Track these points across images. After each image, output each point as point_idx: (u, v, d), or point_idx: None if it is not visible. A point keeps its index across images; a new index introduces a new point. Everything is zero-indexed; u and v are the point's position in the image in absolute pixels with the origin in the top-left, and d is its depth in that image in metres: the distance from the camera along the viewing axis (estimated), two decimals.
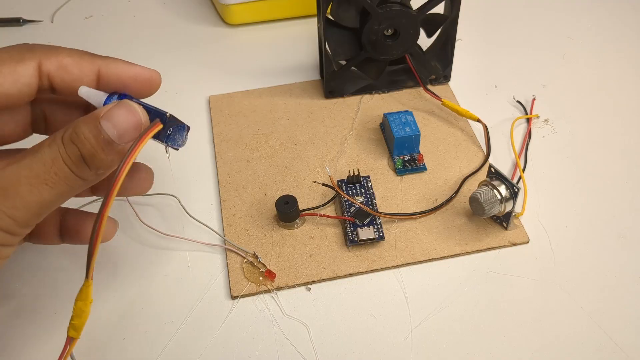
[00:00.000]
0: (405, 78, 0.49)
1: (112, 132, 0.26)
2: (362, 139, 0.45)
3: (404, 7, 0.43)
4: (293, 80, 0.50)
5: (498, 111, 0.47)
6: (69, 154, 0.26)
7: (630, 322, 0.35)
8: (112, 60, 0.29)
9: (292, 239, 0.39)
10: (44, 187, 0.26)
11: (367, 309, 0.36)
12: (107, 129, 0.26)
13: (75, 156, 0.26)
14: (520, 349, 0.34)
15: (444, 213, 0.40)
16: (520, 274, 0.37)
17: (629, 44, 0.54)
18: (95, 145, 0.26)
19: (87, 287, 0.27)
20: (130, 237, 0.40)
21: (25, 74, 0.27)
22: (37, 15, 0.58)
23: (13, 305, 0.37)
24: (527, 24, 0.56)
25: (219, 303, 0.36)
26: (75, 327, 0.27)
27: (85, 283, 0.27)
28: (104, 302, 0.37)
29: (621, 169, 0.43)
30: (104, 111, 0.27)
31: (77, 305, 0.27)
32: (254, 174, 0.43)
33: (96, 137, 0.26)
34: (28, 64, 0.27)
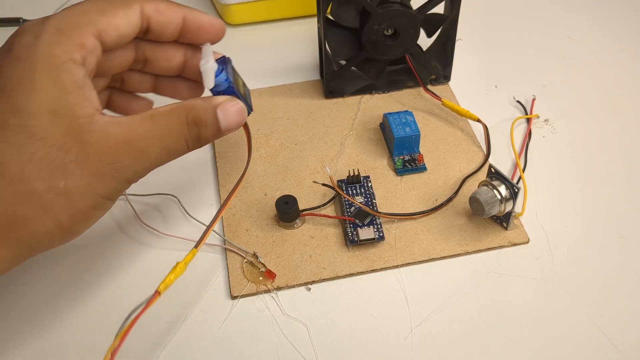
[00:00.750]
0: (405, 78, 0.49)
1: (223, 124, 0.32)
2: (362, 139, 0.45)
3: (404, 7, 0.43)
4: (293, 80, 0.50)
5: (498, 111, 0.47)
6: (191, 134, 0.32)
7: (630, 323, 0.35)
8: (192, 9, 0.34)
9: (292, 239, 0.39)
10: (166, 154, 0.31)
11: (367, 309, 0.36)
12: (221, 120, 0.32)
13: (195, 135, 0.32)
14: (520, 349, 0.34)
15: (444, 213, 0.40)
16: (520, 274, 0.37)
17: (629, 44, 0.54)
18: (214, 131, 0.32)
19: (192, 254, 0.32)
20: (130, 237, 0.40)
21: (134, 16, 0.31)
22: (37, 15, 0.57)
23: (13, 305, 0.37)
24: (527, 24, 0.56)
25: (219, 303, 0.36)
26: (166, 283, 0.31)
27: (192, 250, 0.32)
28: (104, 302, 0.37)
29: (621, 169, 0.43)
30: (220, 102, 0.32)
31: (177, 266, 0.32)
32: (254, 174, 0.43)
33: (214, 124, 0.32)
34: (135, 7, 0.32)
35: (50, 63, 0.28)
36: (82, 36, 0.29)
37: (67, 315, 0.36)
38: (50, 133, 0.28)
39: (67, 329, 0.35)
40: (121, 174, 0.30)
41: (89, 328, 0.36)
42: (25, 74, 0.28)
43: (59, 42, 0.29)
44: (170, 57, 0.36)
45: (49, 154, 0.28)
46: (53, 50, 0.29)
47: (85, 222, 0.30)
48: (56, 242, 0.30)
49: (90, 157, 0.29)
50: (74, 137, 0.28)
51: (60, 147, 0.28)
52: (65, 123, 0.28)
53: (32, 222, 0.28)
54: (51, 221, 0.28)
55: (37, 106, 0.28)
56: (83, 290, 0.37)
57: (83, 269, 0.38)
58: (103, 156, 0.29)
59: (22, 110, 0.28)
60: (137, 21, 0.32)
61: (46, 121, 0.28)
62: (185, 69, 0.36)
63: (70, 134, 0.28)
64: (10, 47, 0.29)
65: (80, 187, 0.29)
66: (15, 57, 0.28)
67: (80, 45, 0.29)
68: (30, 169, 0.27)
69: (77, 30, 0.29)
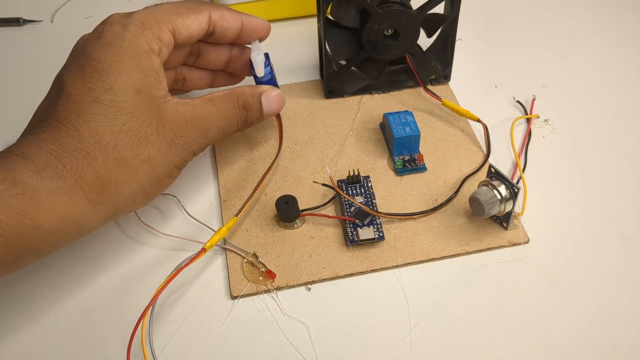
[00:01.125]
0: (405, 78, 0.49)
1: (266, 109, 0.39)
2: (362, 139, 0.45)
3: (404, 7, 0.43)
4: (293, 80, 0.50)
5: (498, 111, 0.47)
6: (241, 115, 0.38)
7: (630, 323, 0.35)
8: (247, 15, 0.40)
9: (292, 239, 0.39)
10: (222, 132, 0.37)
11: (367, 309, 0.36)
12: (264, 105, 0.39)
13: (244, 117, 0.38)
14: (520, 349, 0.34)
15: (444, 213, 0.40)
16: (520, 274, 0.37)
17: (629, 43, 0.54)
18: (258, 115, 0.39)
19: (234, 221, 0.37)
20: (130, 237, 0.40)
21: (203, 20, 0.37)
22: (37, 15, 0.58)
23: (13, 305, 0.37)
24: (527, 24, 0.56)
25: (219, 303, 0.36)
26: (211, 242, 0.36)
27: (233, 218, 0.37)
28: (104, 302, 0.37)
29: (621, 169, 0.43)
30: (264, 90, 0.39)
31: (221, 229, 0.36)
32: (254, 174, 0.43)
33: (259, 109, 0.39)
34: (205, 13, 0.37)
35: (135, 50, 0.33)
36: (161, 31, 0.35)
37: (68, 315, 0.36)
38: (136, 108, 0.33)
39: (67, 329, 0.36)
40: (190, 145, 0.36)
41: (89, 328, 0.36)
42: (115, 58, 0.33)
43: (142, 34, 0.34)
44: (220, 52, 0.42)
45: (135, 126, 0.33)
46: (138, 39, 0.34)
47: (160, 187, 0.36)
48: (137, 205, 0.35)
49: (166, 131, 0.34)
50: (154, 113, 0.34)
51: (143, 121, 0.33)
52: (147, 101, 0.33)
53: (122, 184, 0.33)
54: (136, 184, 0.34)
55: (125, 85, 0.33)
56: (83, 290, 0.37)
57: (83, 268, 0.38)
58: (176, 130, 0.35)
59: (112, 88, 0.33)
60: (205, 25, 0.37)
61: (132, 98, 0.33)
62: (230, 63, 0.42)
63: (151, 110, 0.34)
64: (100, 35, 0.34)
65: (159, 155, 0.34)
66: (107, 43, 0.33)
67: (158, 38, 0.35)
68: (121, 138, 0.33)
69: (157, 25, 0.35)
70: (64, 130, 0.32)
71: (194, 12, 0.37)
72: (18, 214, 0.29)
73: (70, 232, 0.32)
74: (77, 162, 0.31)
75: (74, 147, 0.32)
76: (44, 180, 0.30)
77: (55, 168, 0.31)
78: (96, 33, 0.35)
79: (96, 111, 0.32)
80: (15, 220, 0.29)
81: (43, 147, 0.31)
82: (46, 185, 0.30)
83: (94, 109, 0.32)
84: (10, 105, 0.50)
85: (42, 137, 0.32)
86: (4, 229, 0.29)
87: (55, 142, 0.31)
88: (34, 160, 0.31)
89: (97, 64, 0.33)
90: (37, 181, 0.30)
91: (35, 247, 0.31)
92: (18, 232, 0.29)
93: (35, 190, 0.30)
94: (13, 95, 0.51)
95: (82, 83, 0.33)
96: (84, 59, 0.33)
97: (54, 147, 0.31)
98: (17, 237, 0.29)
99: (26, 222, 0.29)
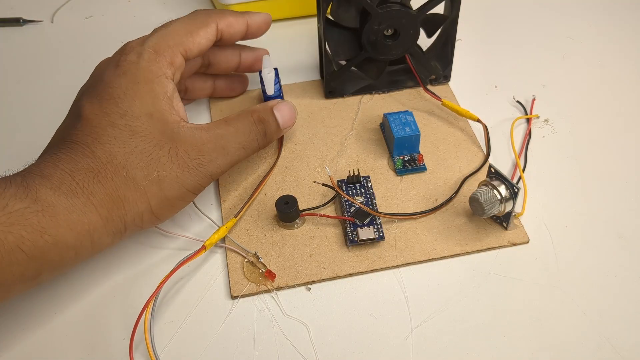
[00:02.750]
0: (405, 78, 0.49)
1: (281, 120, 0.40)
2: (362, 139, 0.45)
3: (404, 7, 0.43)
4: (293, 80, 0.50)
5: (498, 111, 0.47)
6: (259, 129, 0.39)
7: (630, 323, 0.35)
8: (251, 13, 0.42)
9: (292, 239, 0.39)
10: (242, 149, 0.38)
11: (367, 309, 0.36)
12: (278, 117, 0.40)
13: (262, 132, 0.39)
14: (520, 349, 0.34)
15: (444, 213, 0.40)
16: (520, 274, 0.37)
17: (629, 43, 0.54)
18: (275, 127, 0.40)
19: (233, 221, 0.38)
20: (130, 237, 0.40)
21: (211, 33, 0.39)
22: (37, 15, 0.58)
23: (13, 306, 0.37)
24: (527, 24, 0.56)
25: (219, 303, 0.36)
26: (211, 240, 0.36)
27: (232, 219, 0.38)
28: (104, 302, 0.37)
29: (621, 169, 0.43)
30: (274, 104, 0.40)
31: (221, 229, 0.37)
32: (254, 174, 0.43)
33: (274, 122, 0.39)
34: (212, 26, 0.39)
35: (148, 77, 0.35)
36: (174, 55, 0.37)
37: (68, 315, 0.36)
38: (149, 132, 0.35)
39: (67, 329, 0.36)
40: (205, 168, 0.36)
41: (89, 328, 0.36)
42: (130, 85, 0.35)
43: (155, 60, 0.36)
44: (229, 58, 0.44)
45: (147, 148, 0.34)
46: (151, 66, 0.36)
47: (170, 209, 0.36)
48: (146, 224, 0.36)
49: (180, 153, 0.35)
50: (167, 136, 0.35)
51: (156, 144, 0.35)
52: (160, 124, 0.35)
53: (130, 202, 0.34)
54: (144, 204, 0.34)
55: (139, 111, 0.35)
56: (83, 290, 0.37)
57: (82, 268, 0.38)
58: (191, 152, 0.35)
59: (127, 114, 0.34)
60: (213, 37, 0.39)
61: (146, 123, 0.35)
62: (240, 66, 0.45)
63: (164, 134, 0.35)
64: (117, 63, 0.36)
65: (170, 177, 0.35)
66: (123, 72, 0.35)
67: (171, 63, 0.37)
68: (132, 159, 0.34)
69: (170, 50, 0.37)
70: (80, 151, 0.34)
71: (202, 27, 0.39)
72: (39, 230, 0.30)
73: (86, 247, 0.33)
74: (89, 179, 0.33)
75: (87, 166, 0.33)
76: (61, 198, 0.32)
77: (70, 185, 0.32)
78: (114, 61, 0.36)
79: (111, 134, 0.34)
80: (36, 237, 0.30)
81: (59, 166, 0.33)
82: (63, 202, 0.32)
83: (109, 132, 0.34)
84: (10, 105, 0.50)
85: (59, 157, 0.33)
86: (27, 245, 0.30)
87: (70, 162, 0.33)
88: (51, 178, 0.32)
89: (113, 91, 0.35)
90: (54, 199, 0.32)
91: (54, 263, 0.32)
92: (39, 248, 0.30)
93: (54, 207, 0.31)
94: (13, 96, 0.51)
95: (99, 108, 0.35)
96: (102, 86, 0.35)
97: (68, 166, 0.33)
98: (38, 252, 0.30)
99: (46, 239, 0.31)
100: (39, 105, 0.49)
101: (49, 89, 0.51)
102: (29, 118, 0.48)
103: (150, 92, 0.35)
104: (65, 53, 0.54)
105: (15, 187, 0.31)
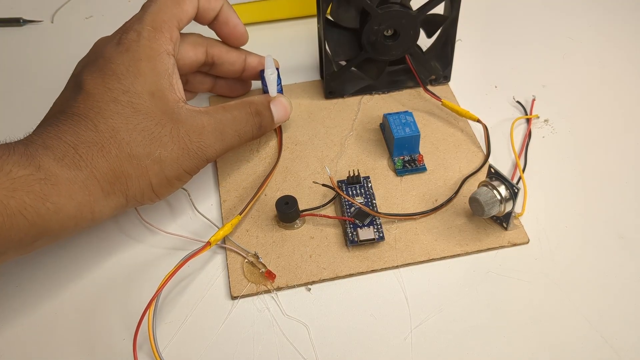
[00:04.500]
0: (405, 78, 0.49)
1: (276, 115, 0.41)
2: (362, 140, 0.45)
3: (403, 7, 0.43)
4: (293, 80, 0.50)
5: (498, 111, 0.47)
6: (255, 121, 0.40)
7: (630, 323, 0.35)
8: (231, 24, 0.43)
9: (292, 239, 0.39)
10: (237, 137, 0.39)
11: (367, 309, 0.36)
12: (274, 112, 0.41)
13: (258, 123, 0.40)
14: (520, 349, 0.34)
15: (444, 213, 0.40)
16: (520, 275, 0.37)
17: (629, 43, 0.54)
18: (269, 120, 0.41)
19: (237, 219, 0.38)
20: (130, 236, 0.40)
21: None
22: (37, 15, 0.58)
23: (13, 306, 0.37)
24: (527, 24, 0.56)
25: (219, 303, 0.36)
26: (216, 237, 0.37)
27: (237, 216, 0.39)
28: (103, 302, 0.37)
29: (621, 169, 0.43)
30: (272, 99, 0.41)
31: (226, 226, 0.38)
32: (254, 174, 0.43)
33: (270, 116, 0.41)
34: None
35: (150, 54, 0.36)
36: (171, 31, 0.37)
37: (68, 315, 0.36)
38: (151, 110, 0.35)
39: (67, 329, 0.36)
40: (203, 151, 0.37)
41: (89, 328, 0.36)
42: (132, 62, 0.35)
43: (155, 38, 0.36)
44: (234, 61, 0.44)
45: (149, 126, 0.35)
46: (152, 44, 0.36)
47: (168, 188, 0.37)
48: (146, 200, 0.36)
49: (181, 134, 0.36)
50: (169, 116, 0.35)
51: (158, 122, 0.35)
52: (162, 104, 0.35)
53: (132, 179, 0.35)
54: (145, 181, 0.35)
55: (141, 88, 0.35)
56: (82, 290, 0.37)
57: (82, 268, 0.38)
58: (192, 135, 0.36)
59: (129, 91, 0.35)
60: (196, 4, 0.39)
61: (148, 101, 0.35)
62: (244, 71, 0.45)
63: (166, 113, 0.35)
64: (119, 41, 0.36)
65: (170, 157, 0.35)
66: (125, 49, 0.36)
67: (170, 38, 0.37)
68: (135, 136, 0.34)
69: (166, 25, 0.37)
70: (83, 124, 0.34)
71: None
72: (41, 197, 0.31)
73: (86, 219, 0.33)
74: (93, 153, 0.33)
75: (90, 139, 0.34)
76: (63, 169, 0.32)
77: (73, 158, 0.33)
78: (115, 39, 0.37)
79: (114, 109, 0.34)
80: (39, 204, 0.31)
81: (62, 138, 0.33)
82: (65, 173, 0.32)
83: (112, 108, 0.34)
84: (10, 105, 0.50)
85: (62, 129, 0.34)
86: (28, 211, 0.30)
87: (73, 134, 0.33)
88: (55, 150, 0.32)
89: (115, 67, 0.35)
90: (57, 169, 0.32)
91: (53, 231, 0.32)
92: (40, 215, 0.31)
93: (56, 177, 0.32)
94: (13, 95, 0.51)
95: (102, 84, 0.35)
96: (103, 61, 0.35)
97: (72, 139, 0.33)
98: (39, 219, 0.31)
99: (48, 206, 0.31)
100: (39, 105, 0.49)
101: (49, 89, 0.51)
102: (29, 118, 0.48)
103: (153, 70, 0.36)
104: (65, 53, 0.54)
105: (18, 154, 0.31)
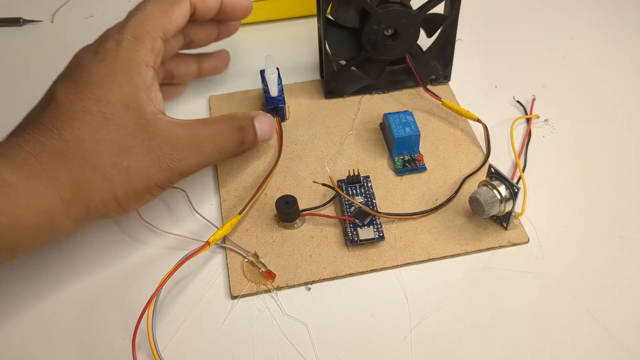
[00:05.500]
0: (405, 78, 0.49)
1: (260, 133, 0.39)
2: (362, 139, 0.45)
3: (404, 7, 0.43)
4: (293, 80, 0.50)
5: (498, 111, 0.47)
6: (237, 136, 0.38)
7: (630, 323, 0.35)
8: None
9: (292, 239, 0.39)
10: (217, 152, 0.37)
11: (367, 309, 0.36)
12: (257, 129, 0.39)
13: (240, 139, 0.38)
14: (520, 349, 0.34)
15: (444, 213, 0.40)
16: (520, 274, 0.37)
17: (629, 43, 0.54)
18: (252, 137, 0.39)
19: (237, 219, 0.38)
20: (129, 236, 0.40)
21: (185, 9, 0.39)
22: (37, 15, 0.58)
23: (13, 305, 0.37)
24: (527, 24, 0.56)
25: (218, 303, 0.36)
26: (215, 236, 0.36)
27: (236, 216, 0.38)
28: (102, 302, 0.37)
29: (621, 169, 0.43)
30: (255, 115, 0.39)
31: (225, 225, 0.37)
32: (254, 174, 0.43)
33: (253, 132, 0.39)
34: (186, 1, 0.39)
35: (127, 66, 0.35)
36: (154, 41, 0.36)
37: (67, 316, 0.36)
38: (124, 121, 0.34)
39: (66, 329, 0.36)
40: (177, 165, 0.35)
41: (89, 328, 0.36)
42: (108, 72, 0.34)
43: (135, 49, 0.35)
44: (209, 33, 0.44)
45: (119, 137, 0.34)
46: (131, 55, 0.35)
47: (136, 201, 0.35)
48: (110, 213, 0.35)
49: (153, 146, 0.34)
50: (143, 127, 0.34)
51: (129, 133, 0.34)
52: (136, 115, 0.34)
53: (94, 189, 0.33)
54: (109, 192, 0.34)
55: (115, 99, 0.34)
56: (81, 290, 0.37)
57: (81, 267, 0.38)
58: (164, 147, 0.35)
59: (102, 100, 0.34)
60: (188, 12, 0.39)
61: (121, 111, 0.34)
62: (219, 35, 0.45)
63: (139, 125, 0.34)
64: (96, 50, 0.35)
65: (139, 169, 0.34)
66: (101, 59, 0.35)
67: (151, 49, 0.36)
68: (102, 146, 0.33)
69: (149, 36, 0.36)
70: (48, 133, 0.33)
71: (176, 4, 0.38)
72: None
73: (45, 230, 0.32)
74: (54, 162, 0.32)
75: (53, 148, 0.33)
76: (21, 179, 0.31)
77: (32, 167, 0.32)
78: (92, 49, 0.36)
79: (82, 119, 0.33)
80: None
81: (23, 147, 0.32)
82: (22, 183, 0.31)
83: (81, 117, 0.33)
84: (10, 105, 0.50)
85: (25, 139, 0.33)
86: None
87: (36, 143, 0.32)
88: (14, 159, 0.32)
89: (89, 77, 0.34)
90: (14, 179, 0.31)
91: (10, 244, 0.31)
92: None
93: (12, 187, 0.31)
94: (13, 95, 0.51)
95: (74, 93, 0.34)
96: (78, 71, 0.35)
97: (34, 148, 0.32)
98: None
99: (1, 220, 0.30)
100: None
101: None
102: None
103: (129, 81, 0.34)
104: (65, 53, 0.54)
105: None
